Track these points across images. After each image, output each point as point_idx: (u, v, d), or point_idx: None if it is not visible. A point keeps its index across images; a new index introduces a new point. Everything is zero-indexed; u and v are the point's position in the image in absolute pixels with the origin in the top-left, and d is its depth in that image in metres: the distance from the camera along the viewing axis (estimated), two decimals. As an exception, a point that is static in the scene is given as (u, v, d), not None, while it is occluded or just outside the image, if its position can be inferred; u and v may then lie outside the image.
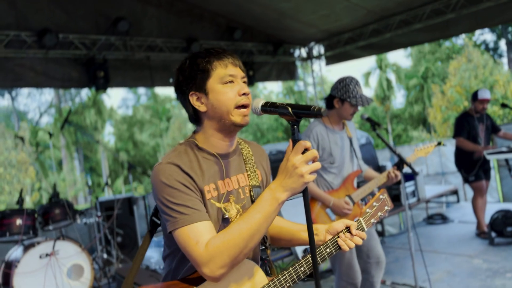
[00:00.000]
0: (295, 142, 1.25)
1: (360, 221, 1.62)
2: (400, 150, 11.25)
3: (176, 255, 1.49)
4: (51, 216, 4.25)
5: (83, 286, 4.13)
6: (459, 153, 5.51)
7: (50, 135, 4.95)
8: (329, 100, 3.06)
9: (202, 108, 1.46)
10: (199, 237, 1.32)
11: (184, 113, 34.79)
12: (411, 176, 6.44)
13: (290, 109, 1.24)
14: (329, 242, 1.54)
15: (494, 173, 7.62)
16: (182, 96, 1.50)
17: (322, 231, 1.59)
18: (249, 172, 1.55)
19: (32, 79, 5.90)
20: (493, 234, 5.00)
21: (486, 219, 5.38)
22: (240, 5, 7.09)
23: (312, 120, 4.06)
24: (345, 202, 2.95)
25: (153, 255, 4.97)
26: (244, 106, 1.44)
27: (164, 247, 1.56)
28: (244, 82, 1.49)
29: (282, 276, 1.46)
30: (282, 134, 30.44)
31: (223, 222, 1.45)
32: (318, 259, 1.49)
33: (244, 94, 1.44)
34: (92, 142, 31.16)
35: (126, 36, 6.42)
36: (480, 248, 4.95)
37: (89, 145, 31.48)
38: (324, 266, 4.66)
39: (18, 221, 4.01)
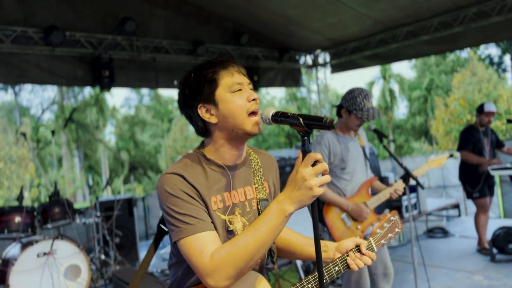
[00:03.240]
0: (305, 153, 1.22)
1: (371, 241, 1.61)
2: (401, 161, 11.22)
3: (182, 265, 1.45)
4: (50, 214, 4.21)
5: (79, 286, 4.08)
6: (463, 167, 5.46)
7: (53, 132, 4.91)
8: (338, 109, 3.09)
9: (212, 119, 1.43)
10: (203, 247, 1.29)
11: (186, 115, 34.98)
12: (414, 188, 6.40)
13: (301, 120, 1.22)
14: (338, 260, 1.51)
15: (496, 188, 7.59)
16: (190, 110, 1.46)
17: (331, 248, 1.56)
18: (257, 185, 1.52)
19: (36, 76, 5.88)
20: (495, 251, 4.95)
21: (488, 235, 5.34)
22: (248, 9, 7.09)
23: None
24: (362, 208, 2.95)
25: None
26: (254, 113, 1.42)
27: (171, 255, 1.53)
28: (250, 89, 1.47)
29: None
30: (284, 140, 30.41)
31: (228, 234, 1.42)
32: (326, 276, 1.47)
33: (253, 99, 1.42)
34: (93, 141, 31.18)
35: (132, 36, 6.41)
36: (481, 264, 4.90)
37: (90, 143, 31.49)
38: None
39: (17, 219, 3.97)
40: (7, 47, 5.47)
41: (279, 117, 1.30)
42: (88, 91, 31.54)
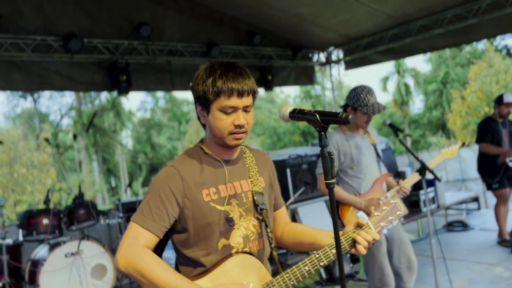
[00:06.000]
0: (322, 148, 1.29)
1: (368, 223, 1.62)
2: (417, 155, 11.17)
3: (182, 258, 1.61)
4: (76, 216, 4.36)
5: (106, 285, 4.23)
6: (482, 159, 5.43)
7: (75, 136, 5.06)
8: (344, 109, 3.16)
9: (202, 120, 1.57)
10: (139, 238, 1.48)
11: (201, 117, 35.15)
12: (431, 182, 6.38)
13: (318, 116, 1.29)
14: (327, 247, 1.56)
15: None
16: (193, 96, 1.60)
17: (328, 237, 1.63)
18: (252, 179, 1.64)
19: (57, 83, 6.05)
20: (515, 243, 4.93)
21: (508, 226, 5.30)
22: (260, 10, 7.15)
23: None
24: (377, 202, 2.97)
25: (172, 256, 5.00)
26: (236, 133, 1.52)
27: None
28: (247, 110, 1.53)
29: (285, 274, 1.52)
30: (299, 138, 30.40)
31: (227, 221, 1.55)
32: (324, 259, 1.54)
33: (238, 126, 1.50)
34: (111, 144, 31.66)
35: (148, 40, 6.53)
36: (501, 256, 4.88)
37: (107, 147, 31.97)
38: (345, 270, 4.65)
39: (45, 221, 4.13)
40: (28, 56, 5.65)
41: (296, 114, 1.38)
42: (104, 95, 32.06)
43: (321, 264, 1.53)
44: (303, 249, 1.73)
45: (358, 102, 3.00)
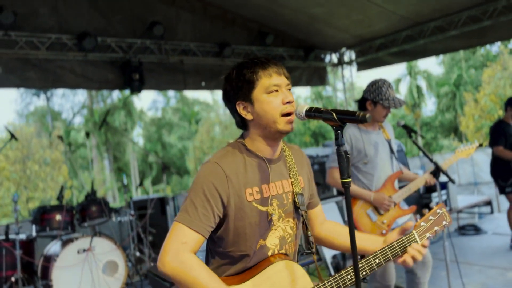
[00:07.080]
0: (338, 147, 1.28)
1: (414, 234, 1.61)
2: (431, 156, 11.06)
3: (215, 254, 1.56)
4: (88, 213, 4.41)
5: (117, 282, 4.26)
6: (496, 163, 5.36)
7: (87, 134, 5.11)
8: (362, 103, 3.10)
9: (248, 116, 1.52)
10: (187, 241, 1.44)
11: (212, 116, 35.10)
12: (443, 185, 6.32)
13: (334, 114, 1.28)
14: (378, 252, 1.56)
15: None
16: (230, 104, 1.57)
17: (380, 242, 1.65)
18: (292, 179, 1.60)
19: (71, 80, 6.10)
20: (530, 247, 4.85)
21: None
22: (272, 10, 7.14)
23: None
24: (387, 198, 2.94)
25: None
26: (288, 114, 1.49)
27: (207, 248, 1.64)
28: (288, 89, 1.55)
29: (327, 282, 1.49)
30: (309, 139, 30.32)
31: (267, 223, 1.51)
32: (366, 268, 1.54)
33: (288, 102, 1.49)
34: (122, 143, 31.89)
35: (161, 40, 6.57)
36: (515, 261, 4.82)
37: (118, 145, 32.20)
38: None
39: (58, 217, 4.18)
40: (43, 54, 5.71)
41: (313, 113, 1.37)
42: (116, 94, 32.31)
43: (364, 273, 1.52)
44: (343, 250, 1.75)
45: (379, 95, 2.95)
